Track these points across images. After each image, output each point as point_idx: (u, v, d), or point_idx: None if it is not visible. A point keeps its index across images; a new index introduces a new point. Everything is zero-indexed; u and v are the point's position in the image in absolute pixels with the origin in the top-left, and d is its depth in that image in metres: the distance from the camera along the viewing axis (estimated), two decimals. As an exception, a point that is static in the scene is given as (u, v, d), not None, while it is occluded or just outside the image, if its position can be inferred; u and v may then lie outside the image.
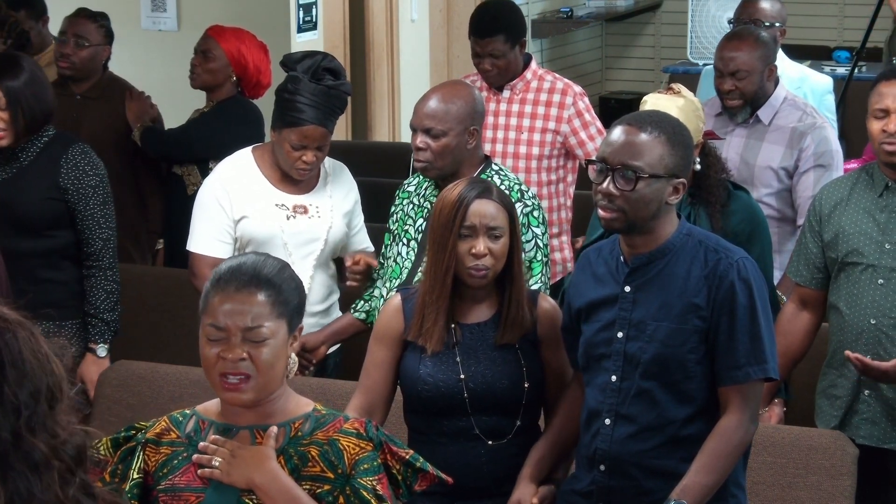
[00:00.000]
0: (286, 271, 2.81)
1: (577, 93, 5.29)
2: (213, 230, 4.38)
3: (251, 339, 2.71)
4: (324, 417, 2.80)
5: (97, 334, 4.60)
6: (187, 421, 2.85)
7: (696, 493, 3.21)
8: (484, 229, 3.40)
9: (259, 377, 2.72)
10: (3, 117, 4.42)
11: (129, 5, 7.12)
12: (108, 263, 4.59)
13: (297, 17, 7.19)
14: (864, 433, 3.98)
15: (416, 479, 2.83)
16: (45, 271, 4.54)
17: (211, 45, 5.54)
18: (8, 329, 1.96)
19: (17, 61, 4.52)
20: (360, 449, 2.75)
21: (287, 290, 2.77)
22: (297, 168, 4.32)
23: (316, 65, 4.33)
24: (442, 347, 3.43)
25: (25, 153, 4.51)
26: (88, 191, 4.53)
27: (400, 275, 4.17)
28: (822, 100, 5.71)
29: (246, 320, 2.70)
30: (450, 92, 4.18)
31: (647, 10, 11.18)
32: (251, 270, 2.76)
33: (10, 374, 1.94)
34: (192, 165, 5.55)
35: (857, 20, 9.96)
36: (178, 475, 2.78)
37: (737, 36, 5.03)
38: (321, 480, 2.73)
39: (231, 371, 2.71)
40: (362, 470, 2.73)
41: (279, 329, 2.74)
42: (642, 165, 3.21)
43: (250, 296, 2.72)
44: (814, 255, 4.06)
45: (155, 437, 2.83)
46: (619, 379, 3.30)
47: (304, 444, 2.76)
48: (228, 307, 2.71)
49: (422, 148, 4.09)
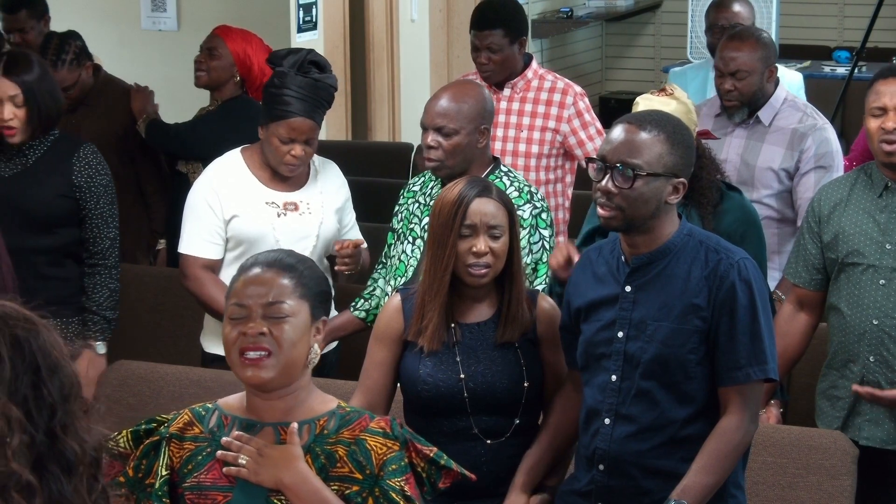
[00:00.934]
0: (310, 263, 2.87)
1: (577, 93, 5.29)
2: (204, 231, 4.39)
3: (272, 315, 2.73)
4: (349, 415, 2.79)
5: (98, 331, 4.61)
6: (210, 415, 2.83)
7: (696, 493, 3.21)
8: (485, 228, 3.41)
9: (280, 354, 2.72)
10: (18, 114, 4.43)
11: (129, 5, 7.13)
12: (113, 262, 4.62)
13: (297, 17, 7.19)
14: (866, 434, 3.98)
15: (440, 477, 2.82)
16: (50, 268, 4.55)
17: (217, 44, 5.55)
18: (38, 331, 1.97)
19: (29, 59, 4.52)
20: (387, 449, 2.74)
21: (310, 276, 2.81)
22: (286, 163, 4.33)
23: (301, 59, 4.36)
24: (440, 346, 3.43)
25: (32, 151, 4.52)
26: (100, 189, 4.56)
27: (405, 273, 4.18)
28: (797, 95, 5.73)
29: (267, 297, 2.73)
30: (461, 91, 4.18)
31: (647, 10, 11.19)
32: (276, 256, 2.83)
33: (46, 375, 1.95)
34: (197, 163, 5.55)
35: (857, 20, 9.97)
36: (203, 472, 2.77)
37: (738, 36, 5.04)
38: (349, 481, 2.73)
39: (251, 346, 2.72)
40: (391, 471, 2.72)
41: (301, 309, 2.75)
42: (641, 164, 3.22)
43: (273, 276, 2.76)
44: (812, 257, 4.06)
45: (178, 431, 2.81)
46: (619, 379, 3.30)
47: (330, 442, 2.75)
48: (251, 287, 2.75)
49: (433, 147, 4.09)
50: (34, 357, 1.95)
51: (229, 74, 5.55)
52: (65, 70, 5.50)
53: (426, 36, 9.02)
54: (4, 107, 4.42)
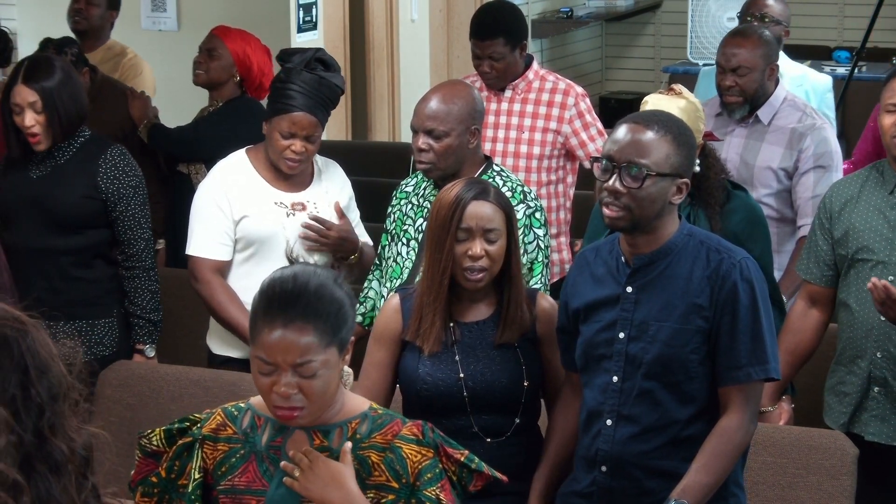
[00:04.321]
0: (331, 290, 2.70)
1: (578, 93, 5.29)
2: (213, 233, 4.38)
3: (302, 375, 2.65)
4: (381, 418, 2.78)
5: (145, 335, 4.62)
6: (242, 416, 2.82)
7: (697, 492, 3.21)
8: (480, 231, 3.40)
9: (311, 406, 2.68)
10: (39, 121, 4.45)
11: (129, 5, 7.13)
12: (150, 264, 4.63)
13: (297, 17, 7.20)
14: (872, 430, 3.98)
15: (471, 480, 2.82)
16: (78, 269, 4.56)
17: (217, 44, 5.56)
18: (26, 331, 1.97)
19: (50, 63, 4.53)
20: (421, 456, 2.74)
21: (334, 314, 2.68)
22: (286, 158, 4.33)
23: (309, 56, 4.37)
24: (439, 348, 3.43)
25: (61, 152, 4.54)
26: (129, 191, 4.56)
27: (401, 275, 4.17)
28: (824, 98, 5.73)
29: (295, 357, 2.64)
30: (450, 92, 4.18)
31: (647, 10, 11.19)
32: (297, 299, 2.66)
33: (34, 375, 1.95)
34: (199, 164, 5.55)
35: (857, 20, 9.97)
36: (237, 475, 2.77)
37: (740, 33, 5.04)
38: (386, 489, 2.73)
39: (283, 405, 2.67)
40: (427, 480, 2.72)
41: (330, 357, 2.67)
42: (649, 163, 3.21)
43: (298, 332, 2.63)
44: (824, 253, 4.07)
45: (211, 432, 2.80)
46: (621, 379, 3.30)
47: (363, 447, 2.75)
48: (277, 343, 2.63)
49: (424, 149, 4.10)
50: (22, 357, 1.95)
51: (228, 74, 5.55)
52: None
53: (426, 36, 9.02)
54: (26, 114, 4.43)
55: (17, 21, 7.35)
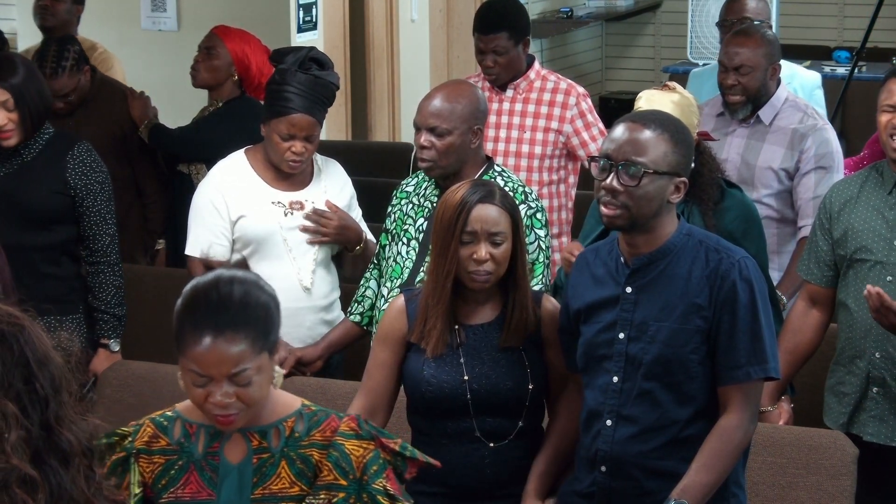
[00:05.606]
0: (256, 295, 2.69)
1: (580, 93, 5.29)
2: (210, 233, 4.41)
3: (237, 384, 2.65)
4: (315, 415, 2.79)
5: (110, 329, 4.65)
6: (173, 425, 2.80)
7: (697, 492, 3.21)
8: (485, 235, 3.38)
9: (248, 409, 2.69)
10: (12, 118, 4.46)
11: (129, 5, 7.13)
12: (115, 259, 4.65)
13: (297, 17, 7.19)
14: (871, 430, 3.99)
15: (405, 467, 2.81)
16: (46, 266, 4.58)
17: (216, 44, 5.56)
18: (23, 326, 1.98)
19: (12, 61, 4.54)
20: (364, 450, 2.74)
21: (263, 319, 2.67)
22: (287, 160, 4.35)
23: (303, 56, 4.38)
24: (443, 350, 3.42)
25: (28, 149, 4.55)
26: (96, 187, 4.58)
27: (401, 274, 4.17)
28: (812, 94, 5.72)
29: (230, 368, 2.63)
30: (454, 91, 4.18)
31: (647, 10, 11.19)
32: (225, 309, 2.64)
33: (36, 368, 1.96)
34: (200, 164, 5.55)
35: (857, 20, 9.97)
36: (179, 487, 2.76)
37: (743, 32, 5.04)
38: (336, 488, 2.73)
39: (221, 414, 2.67)
40: (373, 473, 2.73)
41: (262, 362, 2.67)
42: (647, 162, 3.22)
43: (229, 342, 2.62)
44: (824, 253, 4.07)
45: (145, 445, 2.78)
46: (621, 380, 3.30)
47: (303, 445, 2.75)
48: (208, 355, 2.62)
49: (426, 146, 4.10)
50: (23, 352, 1.96)
51: (227, 74, 5.55)
52: (65, 76, 5.49)
53: (426, 36, 9.01)
54: None
55: (16, 21, 7.34)
